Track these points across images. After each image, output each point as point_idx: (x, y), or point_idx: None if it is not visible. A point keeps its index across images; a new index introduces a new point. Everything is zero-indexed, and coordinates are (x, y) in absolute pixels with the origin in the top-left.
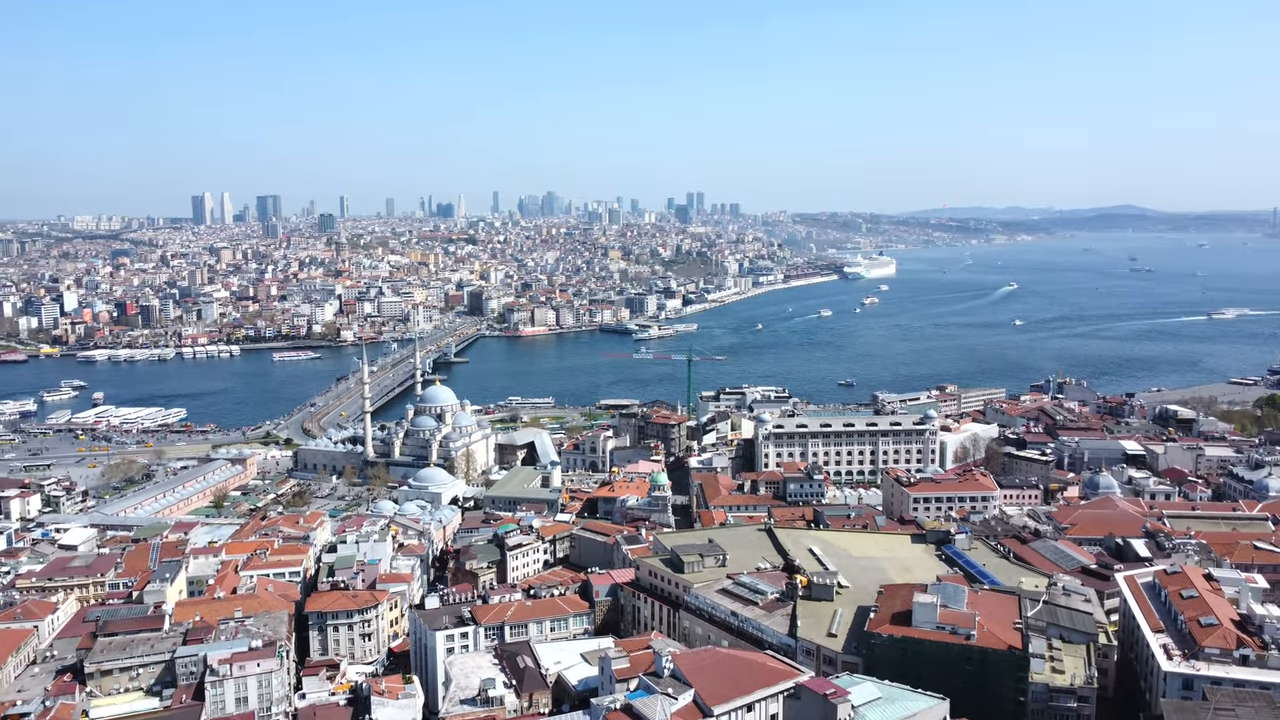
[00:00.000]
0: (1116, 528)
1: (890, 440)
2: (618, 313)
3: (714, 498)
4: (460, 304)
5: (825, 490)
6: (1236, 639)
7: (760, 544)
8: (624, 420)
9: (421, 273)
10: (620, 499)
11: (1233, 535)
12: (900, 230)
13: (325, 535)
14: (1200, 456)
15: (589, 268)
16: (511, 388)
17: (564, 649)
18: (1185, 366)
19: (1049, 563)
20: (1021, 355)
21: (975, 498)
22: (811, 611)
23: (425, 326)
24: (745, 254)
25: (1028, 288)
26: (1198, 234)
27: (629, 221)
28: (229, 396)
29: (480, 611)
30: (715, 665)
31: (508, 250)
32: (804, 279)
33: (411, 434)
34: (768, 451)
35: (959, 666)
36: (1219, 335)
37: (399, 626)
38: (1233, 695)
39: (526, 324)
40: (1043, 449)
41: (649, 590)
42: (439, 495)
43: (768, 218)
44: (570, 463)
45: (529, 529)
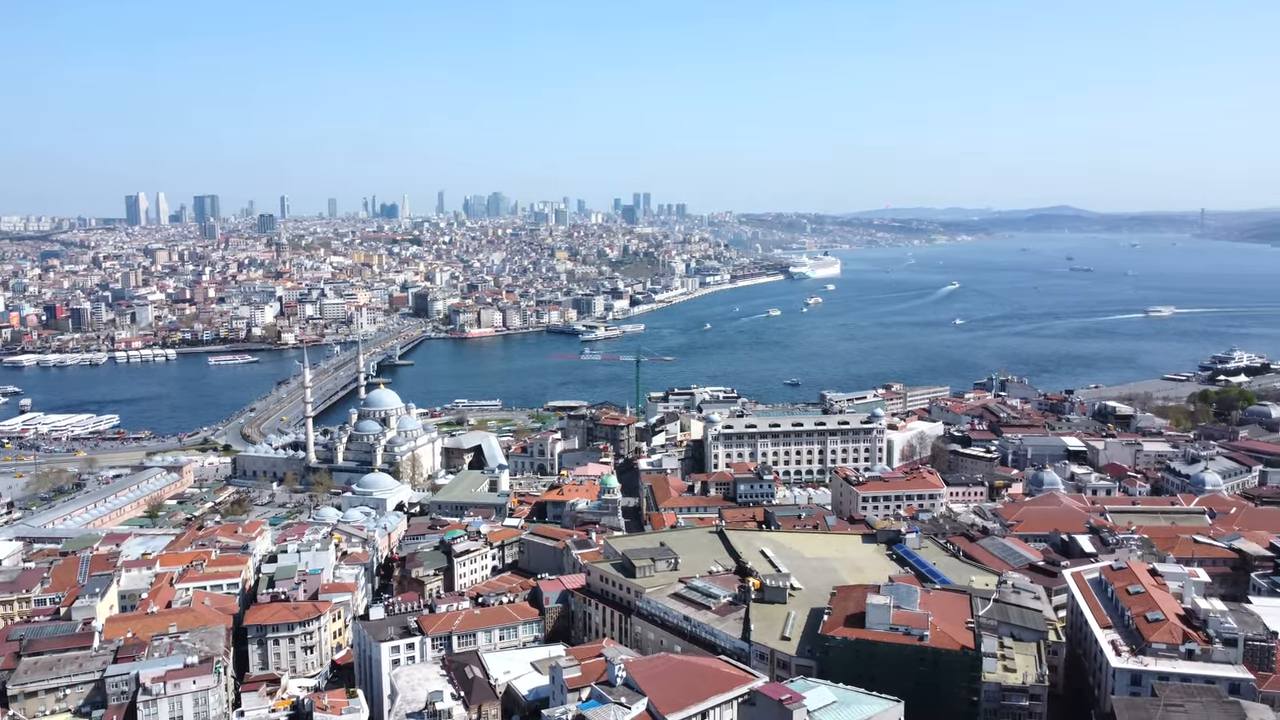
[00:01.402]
0: (1061, 524)
1: (838, 439)
2: (565, 314)
3: (664, 500)
4: (405, 306)
5: (775, 490)
6: (1182, 633)
7: (712, 546)
8: (573, 422)
9: (365, 274)
10: (570, 502)
11: (1172, 529)
12: (844, 230)
13: (265, 545)
14: (1139, 452)
15: (536, 269)
16: (458, 390)
17: (514, 658)
18: (1122, 363)
19: (998, 560)
20: (964, 353)
21: (923, 496)
22: (765, 614)
23: (369, 329)
24: (692, 254)
25: (969, 287)
26: (1130, 234)
27: (576, 222)
28: (164, 402)
29: (427, 621)
30: (668, 672)
31: (453, 251)
32: (750, 279)
33: (355, 439)
34: (717, 452)
35: (913, 668)
36: (1154, 333)
37: (343, 638)
38: (1181, 690)
39: (473, 325)
40: (987, 446)
41: (600, 596)
42: (384, 501)
43: (714, 218)
44: (518, 466)
45: (477, 535)
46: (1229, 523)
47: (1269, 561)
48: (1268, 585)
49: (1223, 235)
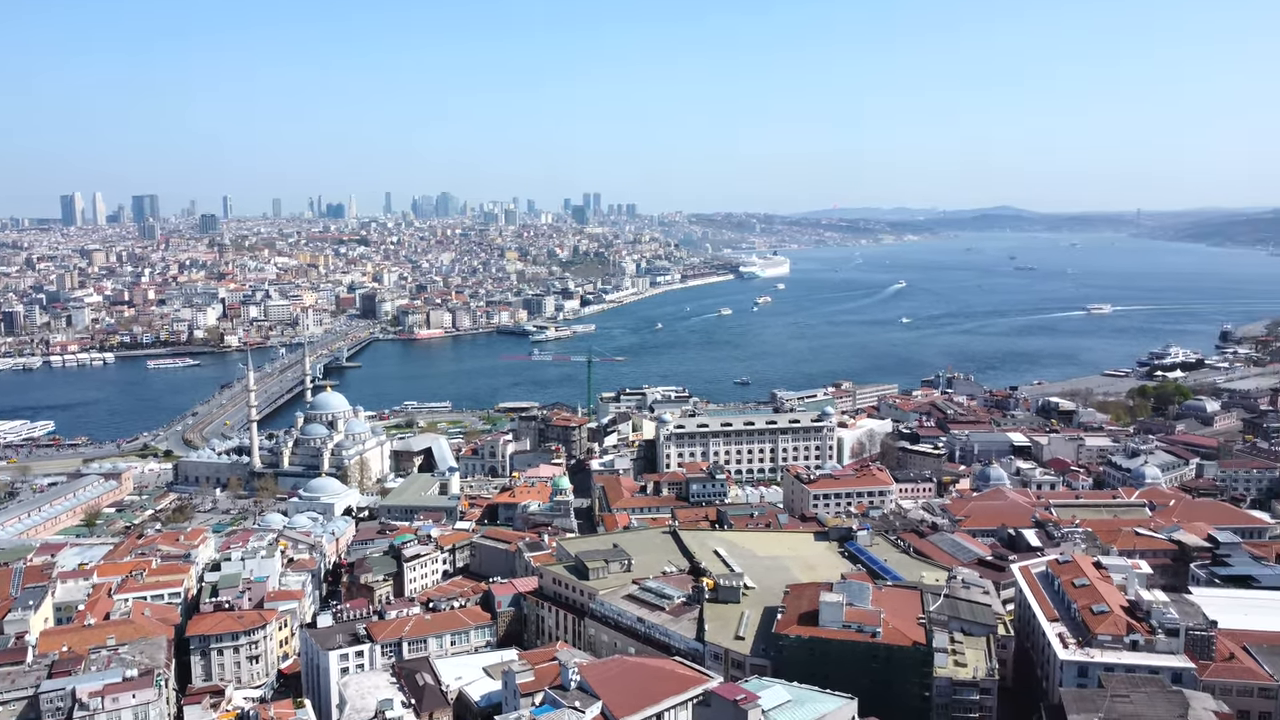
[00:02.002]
0: (1008, 518)
1: (790, 438)
2: (515, 314)
3: (617, 500)
4: (352, 307)
5: (728, 490)
6: (1127, 625)
7: (665, 547)
8: (524, 423)
9: (311, 275)
10: (521, 504)
11: (1115, 522)
12: (793, 230)
13: (208, 552)
14: (1081, 446)
15: (485, 269)
16: (407, 392)
17: (465, 663)
18: (1063, 360)
19: (947, 555)
20: (912, 351)
21: (873, 493)
22: (719, 614)
23: (315, 330)
24: (643, 254)
25: (916, 286)
26: (1070, 234)
27: (526, 222)
28: (102, 407)
29: (376, 628)
30: (623, 675)
31: (401, 251)
32: (701, 279)
33: (301, 442)
34: (669, 452)
35: (866, 665)
36: (1093, 330)
37: (289, 647)
38: (1127, 681)
39: (422, 327)
40: (935, 443)
41: (553, 599)
42: (331, 506)
43: (664, 218)
44: (469, 468)
45: (427, 538)
46: (1168, 515)
47: (1207, 552)
48: (1206, 576)
49: (1158, 235)
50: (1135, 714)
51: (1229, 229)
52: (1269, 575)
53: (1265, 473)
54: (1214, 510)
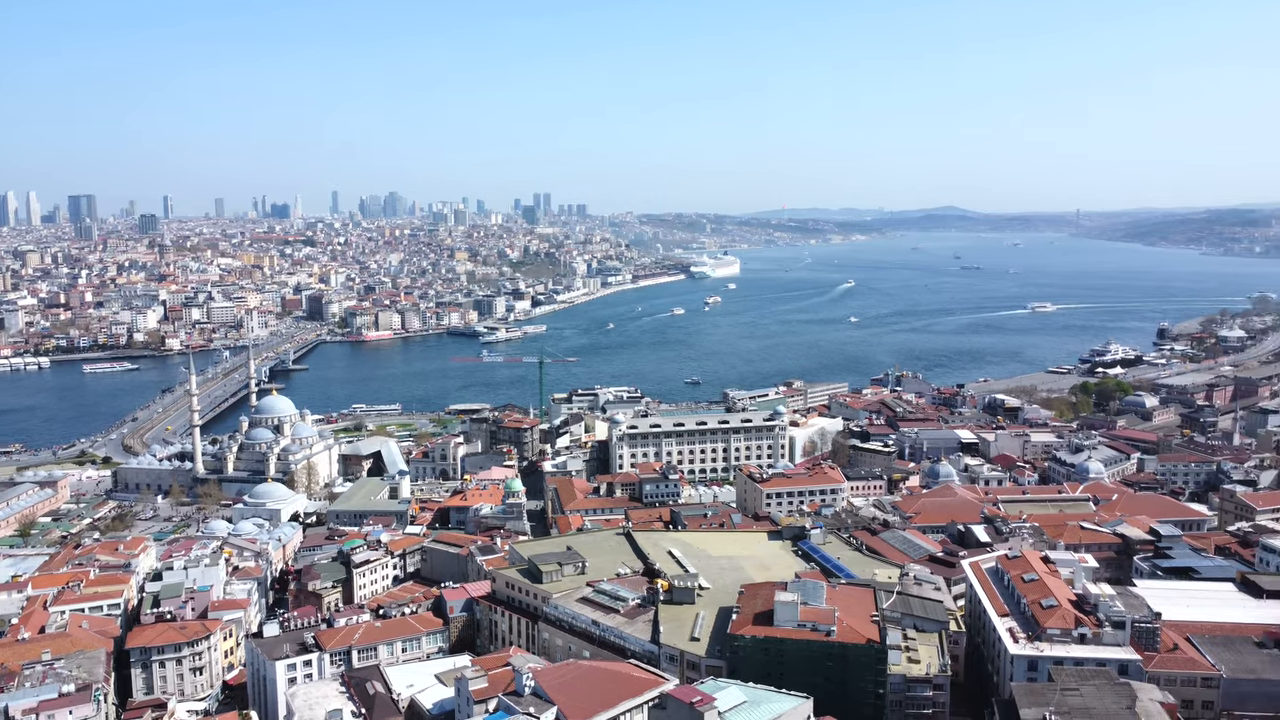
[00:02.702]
0: (957, 514)
1: (742, 437)
2: (465, 315)
3: (570, 502)
4: (298, 309)
5: (681, 490)
6: (1075, 619)
7: (619, 549)
8: (475, 425)
9: (255, 276)
10: (473, 508)
11: (1060, 517)
12: (743, 230)
13: (149, 562)
14: (1027, 443)
15: (435, 270)
16: (356, 395)
17: (417, 671)
18: (1008, 357)
19: (899, 553)
20: (862, 350)
21: (825, 491)
22: (674, 616)
23: (260, 333)
24: (594, 254)
25: (864, 285)
26: (1013, 234)
27: (475, 222)
28: (37, 413)
29: (325, 636)
30: (578, 680)
31: (349, 252)
32: (652, 279)
33: (246, 447)
34: (622, 453)
35: (821, 663)
36: (1037, 327)
37: (235, 657)
38: (1076, 674)
39: (370, 328)
40: (885, 440)
41: (506, 603)
42: (278, 512)
43: (615, 218)
44: (420, 471)
45: (377, 544)
46: (1111, 509)
47: (1149, 545)
48: (1149, 568)
49: (1097, 234)
50: (1085, 707)
51: (1163, 229)
52: (1209, 567)
53: (1202, 466)
54: (1155, 504)
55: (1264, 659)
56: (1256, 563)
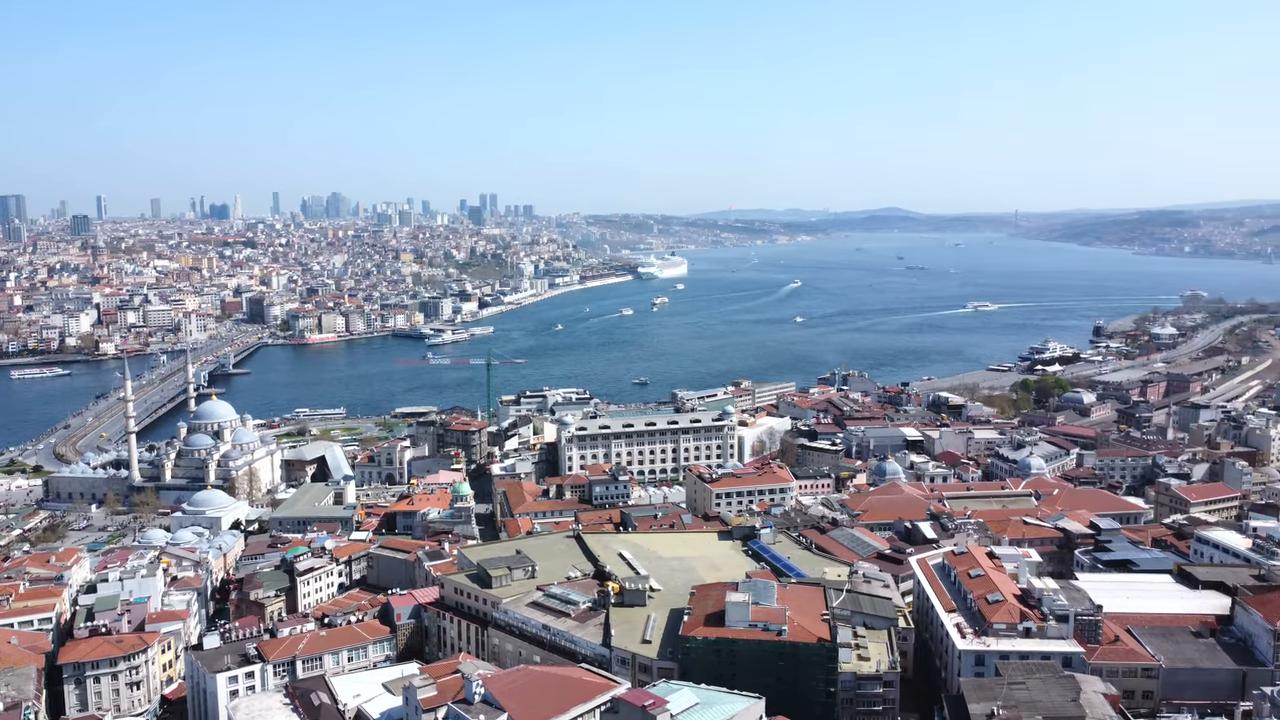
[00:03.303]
0: (904, 512)
1: (691, 437)
2: (411, 317)
3: (519, 505)
4: (239, 311)
5: (631, 491)
6: (1020, 613)
7: (570, 552)
8: (422, 429)
9: (194, 278)
10: (420, 512)
11: (1004, 512)
12: (690, 231)
13: (83, 573)
14: (970, 439)
15: (380, 271)
16: (299, 399)
17: (364, 680)
18: (950, 356)
19: (847, 550)
20: (808, 349)
21: (774, 490)
22: (625, 618)
23: (199, 336)
24: (541, 255)
25: (810, 285)
26: (954, 234)
27: (421, 223)
28: None
29: (268, 647)
30: (528, 685)
31: (291, 254)
32: (600, 279)
33: (185, 454)
34: (571, 454)
35: (772, 663)
36: (978, 326)
37: (174, 670)
38: (1022, 668)
39: (313, 331)
40: (832, 439)
41: (455, 609)
42: (218, 520)
43: (562, 219)
44: (365, 476)
45: (321, 551)
46: (1052, 503)
47: (1089, 539)
48: (1089, 561)
49: (1035, 234)
50: (1031, 700)
51: (1098, 229)
52: (1146, 559)
53: (1138, 461)
54: (1094, 498)
55: (1200, 648)
56: (1191, 554)
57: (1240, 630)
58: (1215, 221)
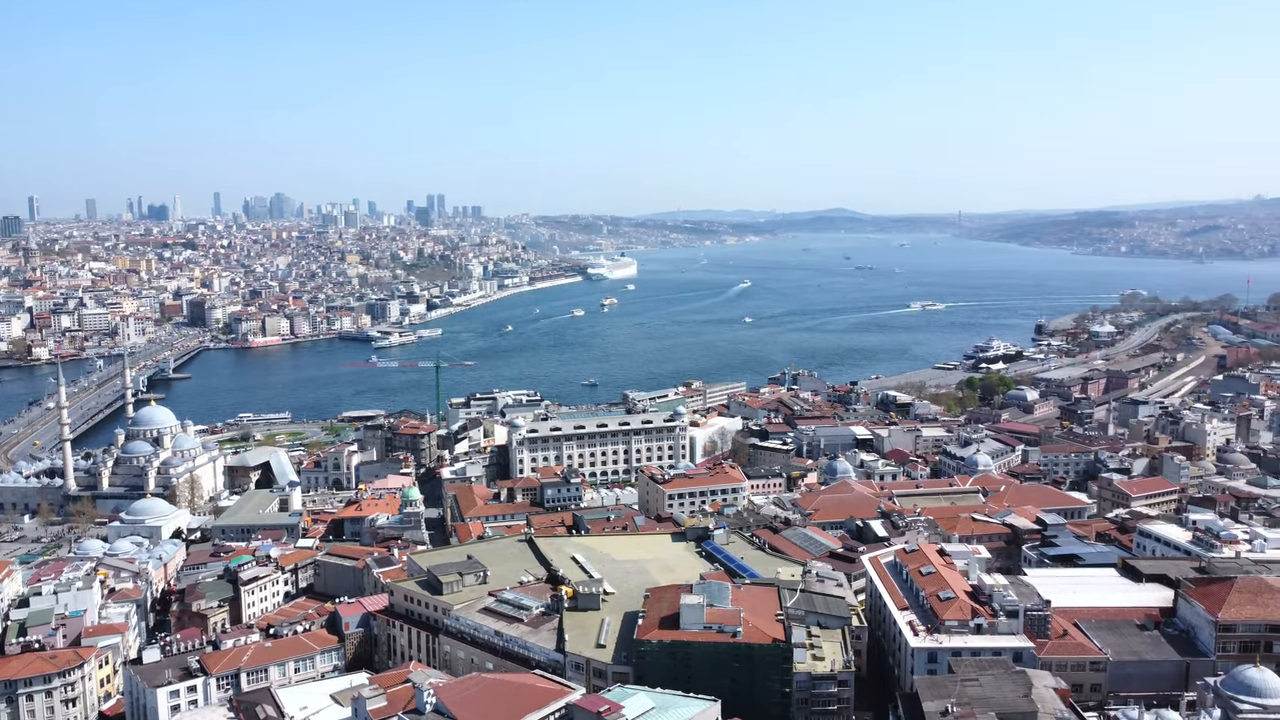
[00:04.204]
0: (855, 510)
1: (643, 438)
2: (358, 319)
3: (470, 509)
4: (179, 314)
5: (583, 493)
6: (971, 610)
7: (522, 556)
8: (370, 433)
9: (131, 281)
10: (369, 518)
11: (952, 509)
12: (640, 232)
13: (15, 587)
14: (918, 437)
15: (325, 273)
16: (242, 404)
17: (311, 692)
18: (897, 355)
19: (800, 550)
20: (758, 349)
21: (726, 490)
22: (579, 623)
23: (137, 340)
24: (490, 257)
25: (759, 285)
26: (899, 234)
27: (367, 224)
28: None
29: (211, 659)
30: (481, 694)
31: (233, 255)
32: (549, 281)
33: (123, 461)
34: (522, 457)
35: (727, 665)
36: (923, 325)
37: (112, 686)
38: (974, 664)
39: (257, 334)
40: (783, 438)
41: (405, 616)
42: (158, 529)
43: (511, 220)
44: (312, 482)
45: (266, 559)
46: (999, 500)
47: (1036, 534)
48: (1037, 556)
49: (978, 235)
50: (984, 696)
51: (1038, 230)
52: (1092, 553)
53: (1081, 456)
54: (1040, 494)
55: (1145, 641)
56: (1134, 548)
57: (1183, 622)
58: (1149, 222)
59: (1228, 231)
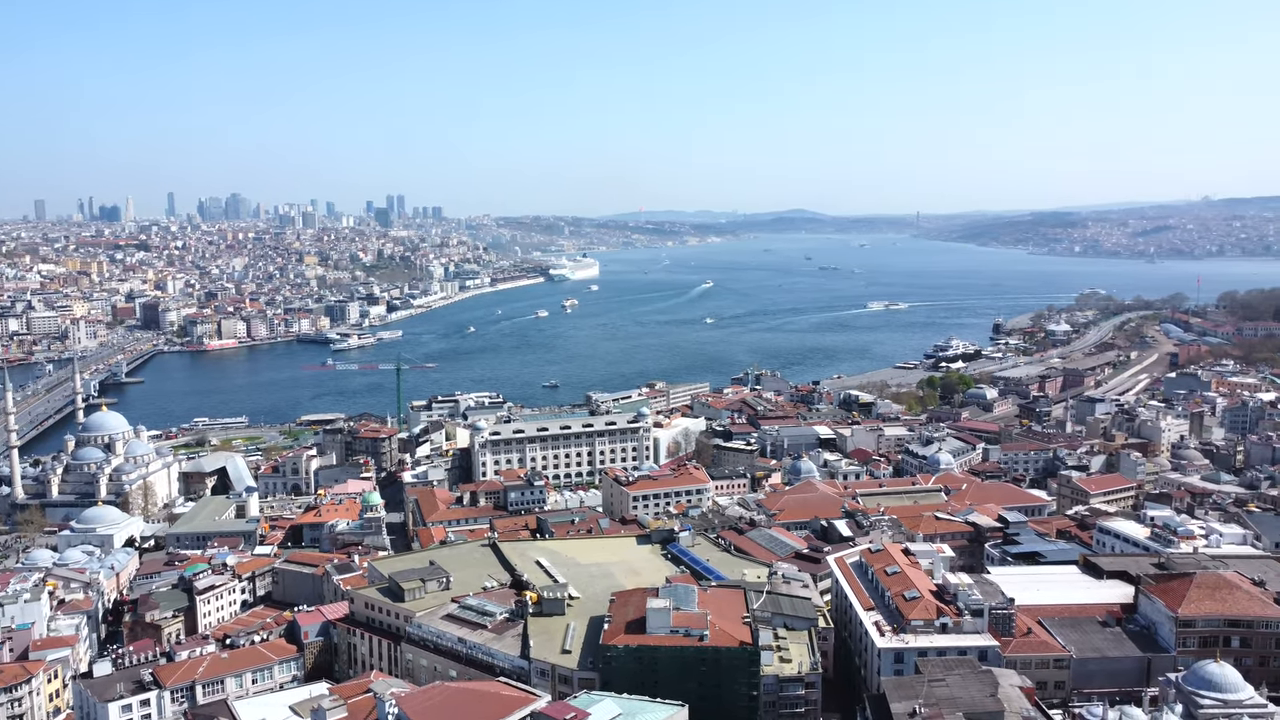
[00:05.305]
0: (820, 510)
1: (606, 440)
2: (317, 322)
3: (432, 514)
4: (132, 317)
5: (546, 496)
6: (936, 609)
7: (485, 561)
8: (329, 436)
9: (82, 283)
10: (328, 524)
11: (916, 508)
12: (601, 233)
13: None
14: (881, 436)
15: (283, 275)
16: (198, 408)
17: (269, 703)
18: (858, 354)
19: (766, 551)
20: (721, 350)
21: (690, 491)
22: (544, 628)
23: (89, 344)
24: (451, 258)
25: (720, 285)
26: (859, 235)
27: (325, 225)
28: None
29: (165, 671)
30: (444, 703)
31: (188, 257)
32: (511, 282)
33: (73, 468)
34: (485, 460)
35: (694, 669)
36: (883, 325)
37: (61, 700)
38: (941, 664)
39: (213, 337)
40: (747, 439)
41: (366, 624)
42: (110, 537)
43: (472, 221)
44: (269, 487)
45: (222, 567)
46: (961, 498)
47: (998, 532)
48: (999, 554)
49: (936, 235)
50: (951, 696)
51: (994, 230)
52: (1053, 551)
53: (1040, 454)
54: (1001, 492)
55: (1107, 637)
56: (1094, 544)
57: (1144, 618)
58: (1102, 222)
59: (1177, 232)
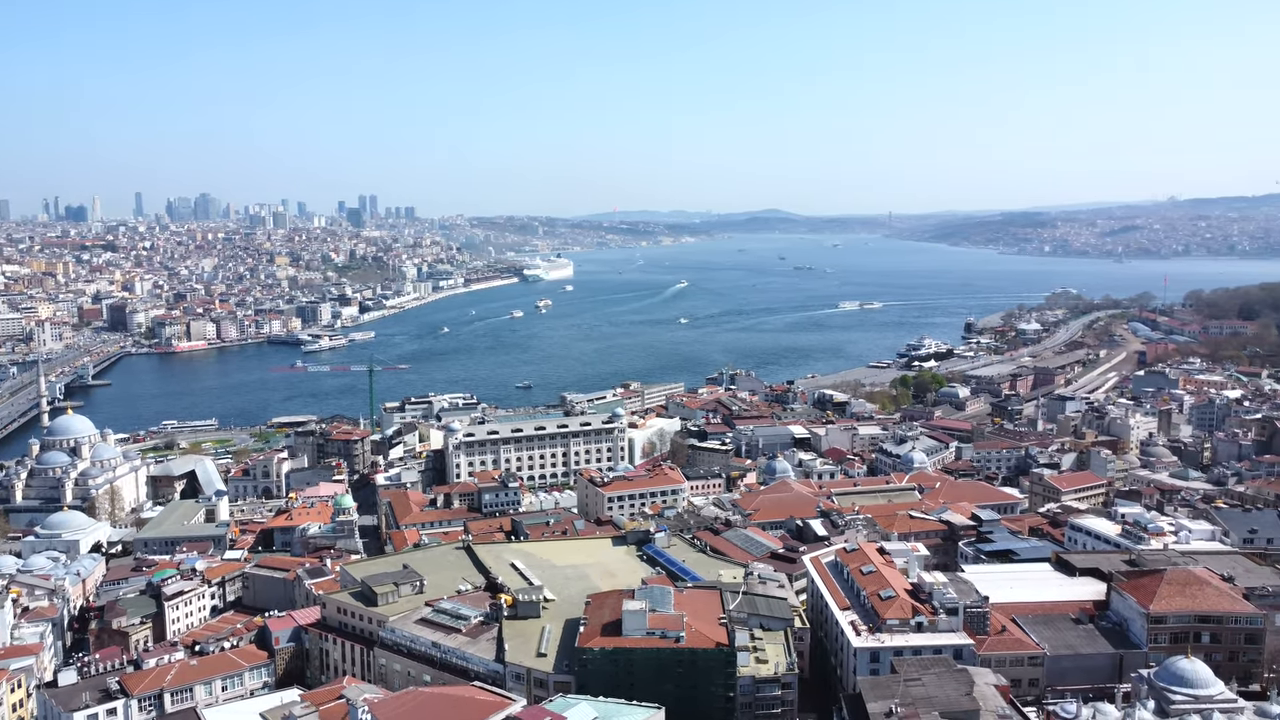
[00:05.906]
0: (795, 510)
1: (581, 441)
2: (288, 323)
3: (405, 516)
4: (98, 319)
5: (521, 498)
6: (912, 608)
7: (460, 564)
8: (301, 439)
9: (47, 284)
10: (300, 527)
11: (890, 507)
12: (576, 233)
13: None
14: (855, 435)
15: (254, 275)
16: (166, 411)
17: (239, 710)
18: (831, 354)
19: (742, 551)
20: (695, 349)
21: (666, 492)
22: (519, 631)
23: (54, 346)
24: (424, 258)
25: (695, 285)
26: (832, 235)
27: (297, 225)
28: None
29: (132, 680)
30: (418, 708)
31: (156, 258)
32: (485, 282)
33: (37, 473)
34: (459, 461)
35: (671, 671)
36: (857, 324)
37: (25, 710)
38: (917, 664)
39: (182, 339)
40: (722, 439)
41: (338, 629)
42: (76, 543)
43: (445, 221)
44: (239, 491)
45: (191, 572)
46: (935, 496)
47: (972, 530)
48: (973, 553)
49: (908, 235)
50: (927, 696)
51: (965, 230)
52: (1026, 548)
53: (1012, 452)
54: (974, 490)
55: (1080, 635)
56: (1066, 541)
57: (1116, 615)
58: (1071, 222)
59: (1145, 232)
